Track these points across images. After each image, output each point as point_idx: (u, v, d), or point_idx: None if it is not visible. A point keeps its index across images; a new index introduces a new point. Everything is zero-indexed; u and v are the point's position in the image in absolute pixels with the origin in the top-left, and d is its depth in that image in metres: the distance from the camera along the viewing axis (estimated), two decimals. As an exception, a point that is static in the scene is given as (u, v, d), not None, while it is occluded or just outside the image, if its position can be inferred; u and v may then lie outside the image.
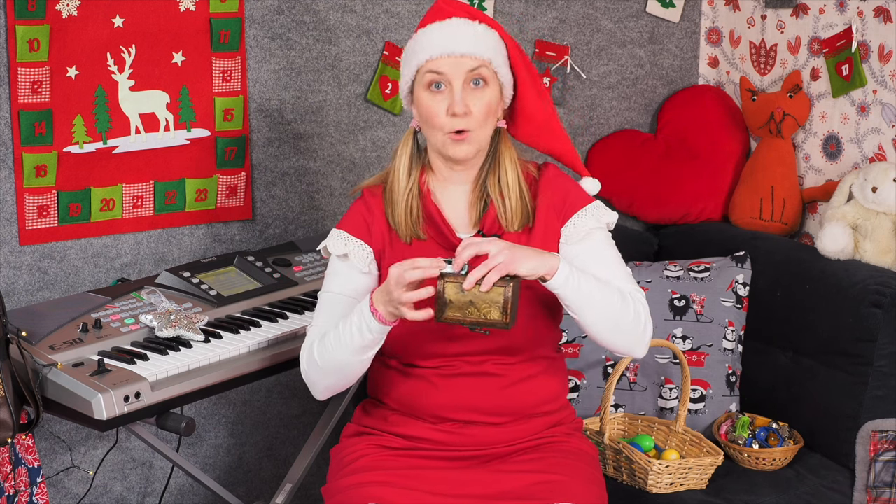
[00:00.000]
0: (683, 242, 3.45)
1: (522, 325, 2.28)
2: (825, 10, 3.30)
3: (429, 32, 2.27)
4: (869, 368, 2.88)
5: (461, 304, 2.09)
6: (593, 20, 3.56)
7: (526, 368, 2.33)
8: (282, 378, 3.24)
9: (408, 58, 2.30)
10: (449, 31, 2.25)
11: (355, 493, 2.25)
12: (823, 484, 2.82)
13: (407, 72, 2.29)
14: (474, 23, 2.27)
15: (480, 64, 2.24)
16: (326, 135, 3.22)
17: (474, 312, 2.09)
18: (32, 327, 2.45)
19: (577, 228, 2.33)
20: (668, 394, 3.02)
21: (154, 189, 2.99)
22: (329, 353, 2.25)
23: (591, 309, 2.21)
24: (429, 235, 2.33)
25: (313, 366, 2.30)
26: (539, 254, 2.16)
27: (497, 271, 2.08)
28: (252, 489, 3.29)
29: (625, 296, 2.25)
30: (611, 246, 2.36)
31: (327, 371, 2.28)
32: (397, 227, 2.33)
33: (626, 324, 2.25)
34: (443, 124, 2.25)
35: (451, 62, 2.23)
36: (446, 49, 2.23)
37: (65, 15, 2.78)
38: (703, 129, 3.59)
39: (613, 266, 2.32)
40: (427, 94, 2.26)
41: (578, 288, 2.18)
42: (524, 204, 2.32)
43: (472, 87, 2.25)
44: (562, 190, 2.36)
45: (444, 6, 2.29)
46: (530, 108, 2.35)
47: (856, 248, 3.10)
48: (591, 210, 2.35)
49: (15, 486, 2.49)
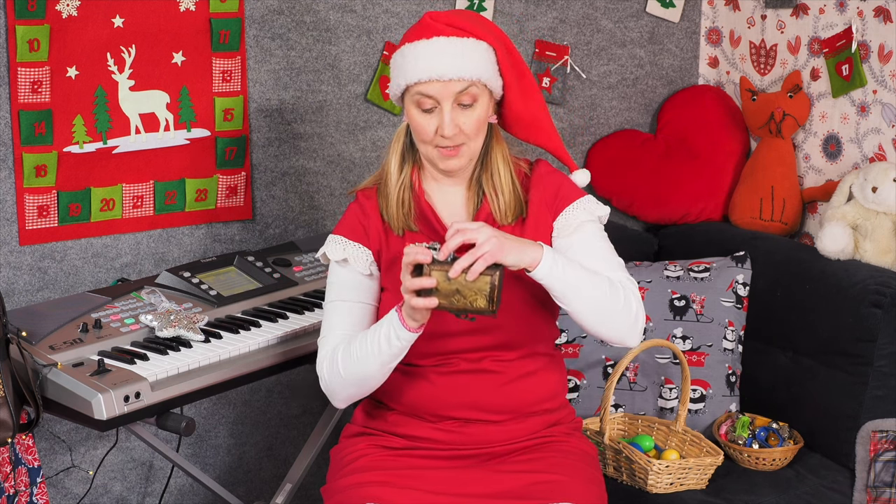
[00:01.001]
0: (683, 242, 3.45)
1: (519, 320, 2.29)
2: (825, 10, 3.30)
3: (415, 50, 2.23)
4: (869, 368, 2.88)
5: (448, 291, 2.10)
6: (593, 20, 3.56)
7: (524, 365, 2.33)
8: (282, 378, 3.25)
9: (396, 69, 2.27)
10: (436, 53, 2.22)
11: (355, 493, 2.25)
12: (823, 484, 2.82)
13: (395, 83, 2.27)
14: (462, 39, 2.24)
15: (469, 84, 2.22)
16: (326, 135, 3.22)
17: (461, 300, 2.10)
18: (32, 327, 2.45)
19: (568, 222, 2.33)
20: (668, 394, 3.02)
21: (154, 189, 2.99)
22: (354, 364, 2.25)
23: (579, 298, 2.21)
24: (420, 228, 2.34)
25: (335, 377, 2.29)
26: (523, 243, 2.16)
27: (483, 261, 2.08)
28: (252, 489, 3.29)
29: (614, 284, 2.25)
30: (602, 237, 2.36)
31: (350, 382, 2.28)
32: (390, 219, 2.33)
33: (615, 312, 2.24)
34: (433, 141, 2.25)
35: (439, 86, 2.21)
36: (434, 73, 2.20)
37: (65, 15, 2.78)
38: (703, 129, 3.59)
39: (605, 256, 2.32)
40: (417, 112, 2.25)
41: (564, 277, 2.18)
42: (517, 197, 2.33)
43: (461, 108, 2.24)
44: (553, 185, 2.37)
45: (430, 22, 2.26)
46: (517, 109, 2.35)
47: (856, 248, 3.10)
48: (582, 203, 2.35)
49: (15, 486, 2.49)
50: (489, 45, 2.27)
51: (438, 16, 2.28)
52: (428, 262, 2.10)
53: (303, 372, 3.27)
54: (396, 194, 2.33)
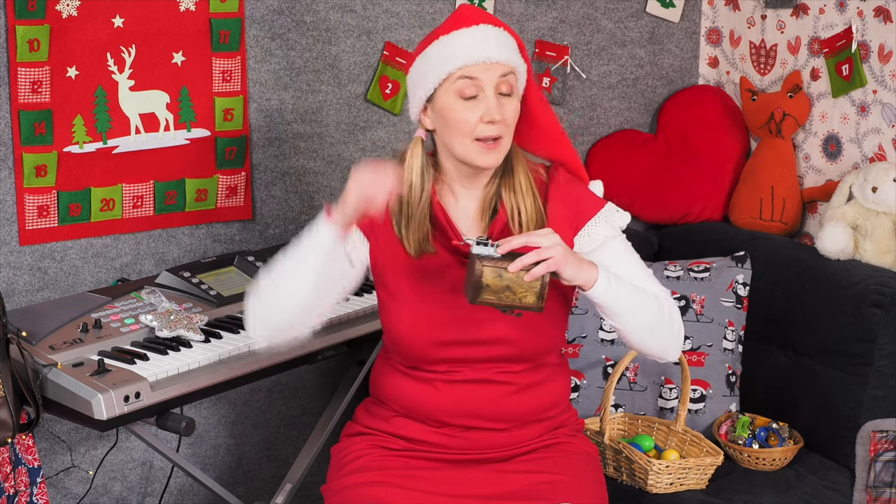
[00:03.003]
0: (683, 242, 3.45)
1: (534, 335, 2.28)
2: (825, 10, 3.30)
3: (457, 39, 2.21)
4: (869, 368, 2.88)
5: (498, 288, 2.09)
6: (593, 20, 3.56)
7: (531, 376, 2.32)
8: (282, 378, 3.24)
9: (431, 65, 2.22)
10: (480, 37, 2.20)
11: (355, 492, 2.24)
12: (823, 484, 2.82)
13: (430, 80, 2.22)
14: (499, 29, 2.24)
15: (510, 71, 2.21)
16: (326, 135, 3.22)
17: (510, 296, 2.10)
18: (32, 327, 2.45)
19: (590, 238, 2.32)
20: (668, 394, 3.02)
21: (154, 189, 2.98)
22: (270, 268, 2.22)
23: (630, 316, 2.22)
24: (436, 244, 2.29)
25: (253, 290, 2.26)
26: (582, 260, 2.17)
27: (546, 265, 2.08)
28: (252, 489, 3.29)
29: (660, 300, 2.26)
30: (629, 252, 2.34)
31: (265, 290, 2.23)
32: (405, 237, 2.28)
33: (661, 329, 2.26)
34: (476, 132, 2.20)
35: (484, 68, 2.19)
36: (481, 55, 2.18)
37: (65, 15, 2.78)
38: (703, 129, 3.59)
39: (638, 273, 2.31)
40: (458, 102, 2.20)
41: (616, 296, 2.19)
42: (538, 208, 2.30)
43: (501, 95, 2.22)
44: (572, 198, 2.33)
45: (467, 13, 2.24)
46: (535, 115, 2.32)
47: (856, 248, 3.10)
48: (603, 216, 2.33)
49: (15, 486, 2.49)
50: (516, 41, 2.27)
51: (474, 8, 2.27)
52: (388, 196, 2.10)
53: (303, 372, 3.27)
54: (419, 218, 2.27)
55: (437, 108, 2.24)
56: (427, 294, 2.27)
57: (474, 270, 2.09)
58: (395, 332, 2.30)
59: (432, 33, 2.26)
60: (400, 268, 2.29)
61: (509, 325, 2.25)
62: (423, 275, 2.28)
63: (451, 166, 2.29)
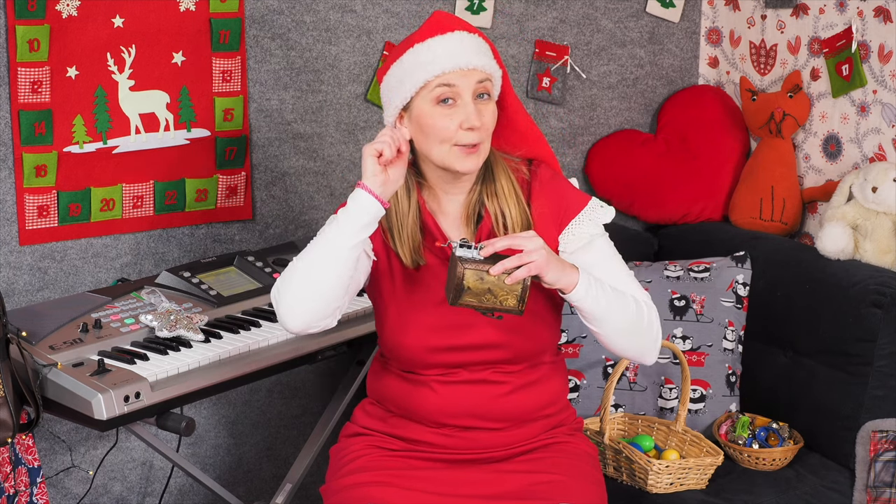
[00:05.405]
0: (683, 242, 3.45)
1: (526, 336, 2.28)
2: (825, 10, 3.30)
3: (433, 46, 2.21)
4: (869, 368, 2.88)
5: (479, 290, 2.09)
6: (593, 20, 3.56)
7: (527, 375, 2.32)
8: (282, 378, 3.24)
9: (407, 73, 2.22)
10: (456, 44, 2.21)
11: (354, 493, 2.25)
12: (823, 484, 2.82)
13: (406, 88, 2.22)
14: (474, 35, 2.25)
15: (486, 77, 2.23)
16: (326, 135, 3.22)
17: (491, 299, 2.10)
18: (32, 327, 2.45)
19: (575, 236, 2.32)
20: (668, 394, 3.02)
21: (154, 189, 2.98)
22: (302, 255, 2.18)
23: (609, 320, 2.22)
24: (427, 253, 2.29)
25: (285, 278, 2.19)
26: (563, 263, 2.17)
27: (528, 269, 2.09)
28: (252, 489, 3.29)
29: (639, 304, 2.26)
30: (613, 253, 2.34)
31: (297, 277, 2.17)
32: (400, 248, 2.28)
33: (640, 333, 2.27)
34: (455, 138, 2.20)
35: (461, 75, 2.20)
36: (458, 62, 2.19)
37: (65, 15, 2.78)
38: (703, 129, 3.59)
39: (619, 275, 2.31)
40: (436, 109, 2.20)
41: (596, 300, 2.20)
42: (522, 211, 2.30)
43: (479, 101, 2.22)
44: (556, 194, 2.34)
45: (442, 20, 2.25)
46: (513, 119, 2.33)
47: (856, 248, 3.10)
48: (587, 214, 2.33)
49: (15, 486, 2.49)
50: (489, 47, 2.28)
51: (448, 15, 2.28)
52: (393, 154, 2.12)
53: (303, 372, 3.27)
54: (409, 224, 2.28)
55: (413, 116, 2.24)
56: (418, 301, 2.28)
57: (455, 272, 2.09)
58: (390, 339, 2.32)
59: (406, 41, 2.27)
60: (395, 274, 2.31)
61: (499, 330, 2.26)
62: (414, 281, 2.29)
63: (432, 172, 2.30)
